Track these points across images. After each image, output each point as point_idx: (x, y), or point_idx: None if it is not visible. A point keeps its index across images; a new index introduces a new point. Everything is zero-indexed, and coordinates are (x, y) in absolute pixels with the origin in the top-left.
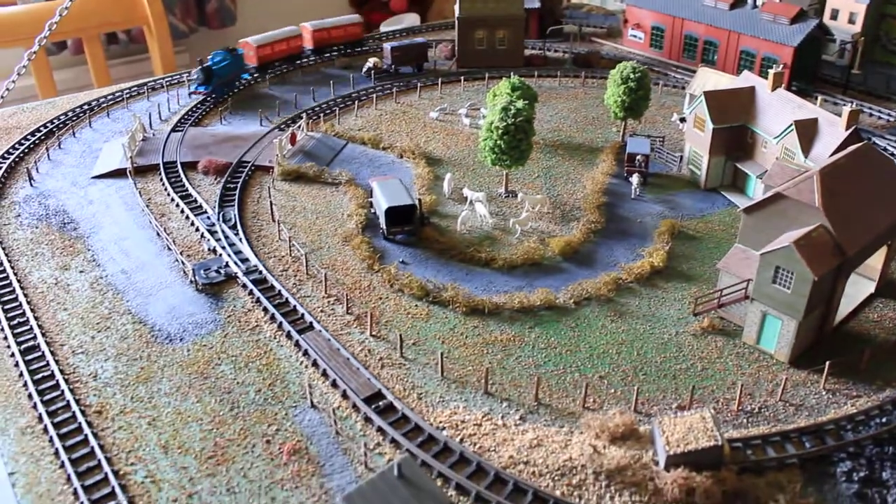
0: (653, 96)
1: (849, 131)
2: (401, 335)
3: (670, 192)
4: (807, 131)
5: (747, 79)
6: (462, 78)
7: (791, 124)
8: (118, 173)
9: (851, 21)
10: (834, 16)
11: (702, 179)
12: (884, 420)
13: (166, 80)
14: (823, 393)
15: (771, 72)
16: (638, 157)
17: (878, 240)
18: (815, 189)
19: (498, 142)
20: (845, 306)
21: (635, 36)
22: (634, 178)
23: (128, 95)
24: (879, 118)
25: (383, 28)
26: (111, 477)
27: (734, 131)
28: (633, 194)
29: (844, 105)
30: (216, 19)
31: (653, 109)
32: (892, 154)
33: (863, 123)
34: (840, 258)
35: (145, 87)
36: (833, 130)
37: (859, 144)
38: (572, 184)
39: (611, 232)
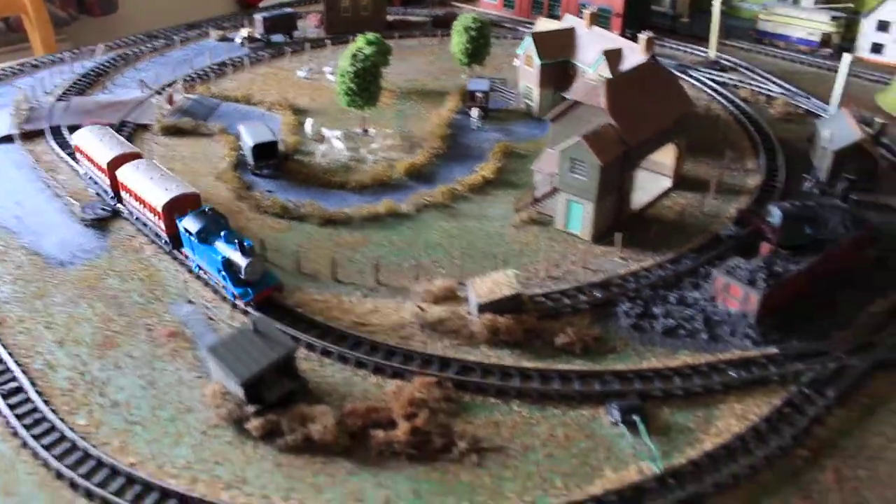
0: (502, 48)
1: (647, 56)
2: (262, 239)
3: (508, 122)
4: (614, 59)
5: (569, 20)
6: (329, 42)
7: (601, 54)
8: (5, 139)
9: None
10: None
11: (535, 110)
12: (660, 273)
13: (48, 59)
14: (618, 260)
15: (586, 12)
16: (478, 94)
17: (661, 137)
18: (602, 94)
19: (350, 84)
20: (644, 198)
21: None
22: (474, 112)
23: (10, 73)
24: (698, 56)
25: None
26: (13, 365)
27: (558, 66)
28: (474, 126)
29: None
30: (98, 7)
31: (501, 57)
32: (704, 83)
33: (685, 60)
34: (624, 149)
35: (27, 65)
36: (635, 57)
37: (645, 60)
38: (422, 121)
39: (452, 156)
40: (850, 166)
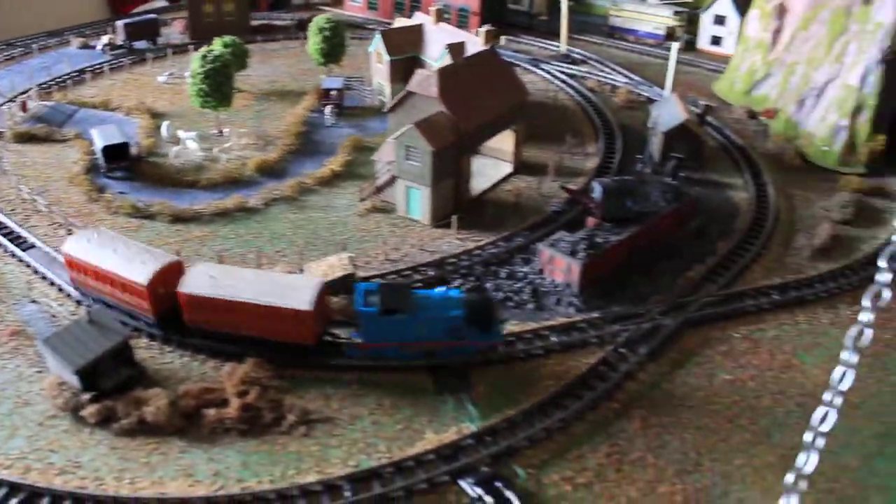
0: (364, 48)
1: (487, 47)
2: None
3: (362, 118)
4: (457, 52)
5: (419, 18)
6: (192, 47)
7: (445, 48)
8: None
9: None
10: None
11: (388, 104)
12: (493, 251)
13: None
14: (456, 241)
15: (432, 8)
16: (332, 91)
17: (497, 124)
18: (434, 84)
19: (201, 85)
20: (486, 184)
21: (355, 1)
22: (327, 109)
23: None
24: (551, 51)
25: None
26: None
27: (407, 61)
28: (328, 123)
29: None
30: None
31: (363, 57)
32: (554, 75)
33: (539, 55)
34: (457, 135)
35: None
36: (476, 48)
37: (481, 50)
38: (279, 120)
39: (304, 152)
40: (679, 146)
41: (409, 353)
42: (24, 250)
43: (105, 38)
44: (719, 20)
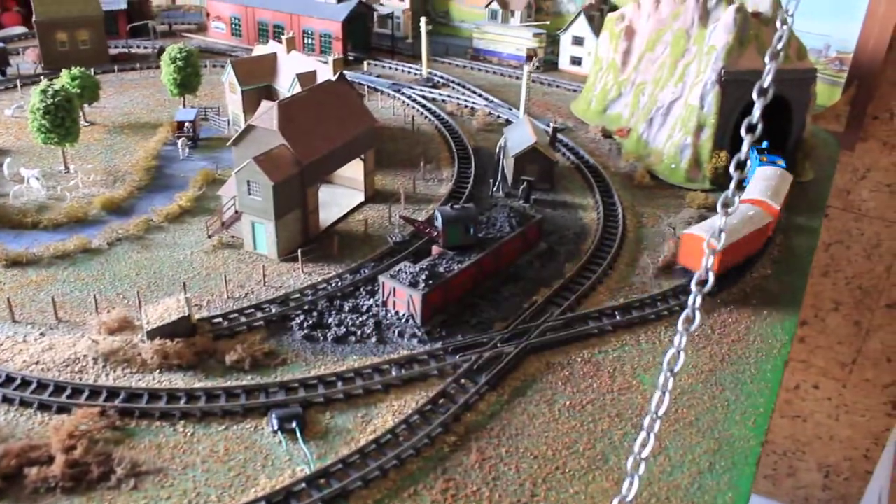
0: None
1: (336, 76)
2: None
3: (217, 150)
4: (307, 81)
5: (272, 47)
6: (43, 77)
7: (294, 77)
8: None
9: None
10: None
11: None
12: (338, 283)
13: None
14: (302, 275)
15: (283, 37)
16: (185, 123)
17: (343, 153)
18: (274, 116)
19: (42, 121)
20: (336, 214)
21: (218, 27)
22: (180, 142)
23: None
24: (413, 75)
25: None
26: None
27: (261, 91)
28: (182, 156)
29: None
30: None
31: (221, 88)
32: (416, 100)
33: (401, 79)
34: (299, 168)
35: None
36: (327, 77)
37: (324, 81)
38: (130, 154)
39: (155, 187)
40: (531, 168)
41: None
42: None
43: None
44: (577, 41)
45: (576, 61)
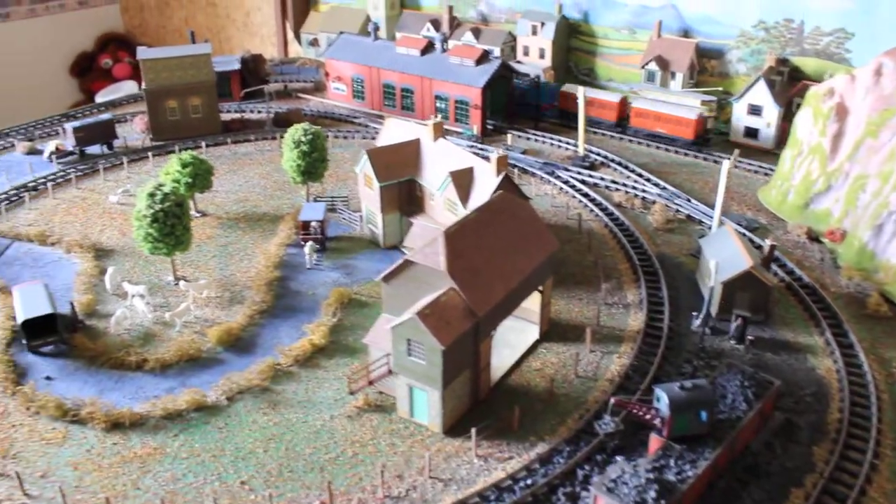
0: (350, 151)
1: (500, 176)
2: (18, 473)
3: (350, 255)
4: (463, 181)
5: (413, 130)
6: (151, 154)
7: (448, 176)
8: None
9: (542, 56)
10: (526, 52)
11: (380, 238)
12: (528, 482)
13: None
14: (475, 461)
15: (429, 122)
16: (312, 223)
17: (521, 290)
18: (440, 252)
19: (149, 230)
20: (508, 357)
21: (338, 88)
22: (307, 247)
23: None
24: (566, 149)
25: (99, 98)
26: None
27: (403, 186)
28: (309, 264)
29: (494, 152)
30: None
31: (347, 166)
32: (574, 185)
33: (550, 156)
34: (472, 321)
35: None
36: (487, 177)
37: (492, 197)
38: (248, 259)
39: (279, 310)
40: (743, 295)
41: None
42: None
43: (52, 144)
44: (755, 110)
45: (751, 133)
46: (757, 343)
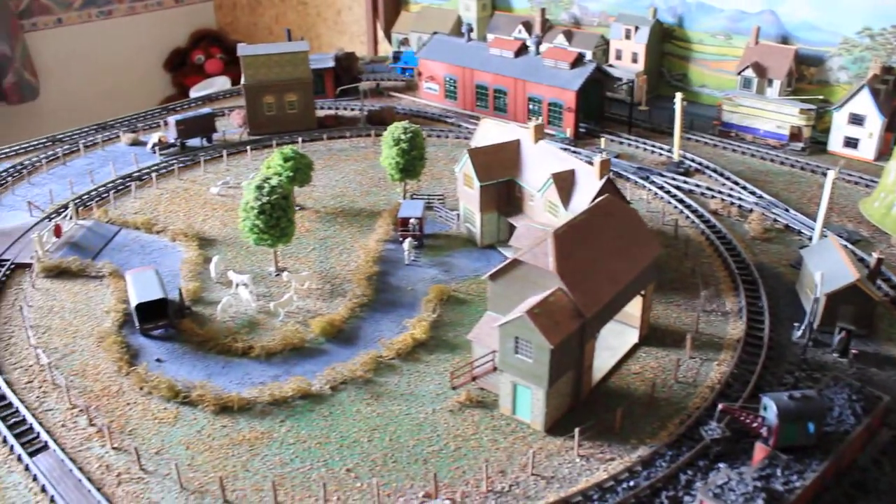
0: (444, 150)
1: (603, 180)
2: (136, 449)
3: (447, 252)
4: (565, 183)
5: (512, 131)
6: (249, 148)
7: (550, 177)
8: None
9: (634, 60)
10: (618, 56)
11: (477, 237)
12: (631, 484)
13: None
14: (577, 460)
15: (531, 124)
16: (411, 220)
17: (625, 293)
18: (549, 252)
19: (256, 222)
20: (608, 360)
21: (430, 88)
22: (406, 244)
23: None
24: (660, 154)
25: (193, 93)
26: None
27: (502, 186)
28: (407, 260)
29: (598, 154)
30: (15, 94)
31: (442, 162)
32: (668, 191)
33: (644, 161)
34: (580, 321)
35: None
36: (589, 180)
37: (597, 200)
38: (347, 253)
39: (379, 304)
40: (847, 308)
41: None
42: (32, 455)
43: (155, 137)
44: (856, 119)
45: (851, 143)
46: (861, 357)
